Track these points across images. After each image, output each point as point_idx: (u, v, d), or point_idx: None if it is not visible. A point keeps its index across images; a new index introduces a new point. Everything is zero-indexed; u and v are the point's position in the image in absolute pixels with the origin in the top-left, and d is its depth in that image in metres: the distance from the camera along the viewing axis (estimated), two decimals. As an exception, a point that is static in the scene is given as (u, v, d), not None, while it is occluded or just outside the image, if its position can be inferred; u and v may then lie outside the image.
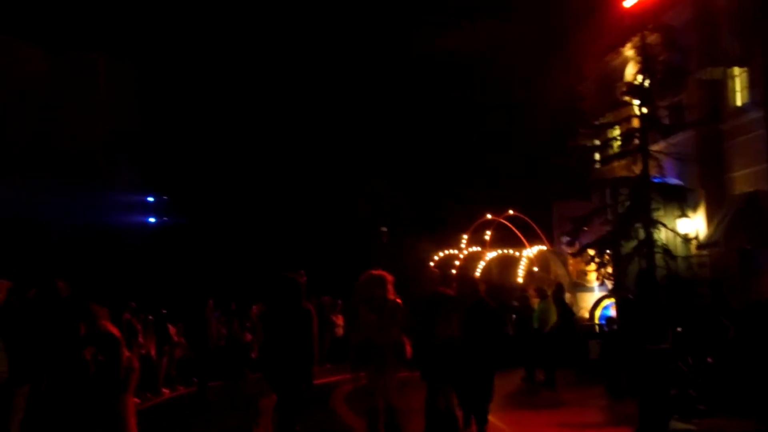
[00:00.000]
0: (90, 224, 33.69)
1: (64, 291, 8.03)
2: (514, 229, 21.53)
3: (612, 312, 17.59)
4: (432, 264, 21.53)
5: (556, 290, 15.90)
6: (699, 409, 10.01)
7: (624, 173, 18.07)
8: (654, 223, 17.20)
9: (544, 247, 20.83)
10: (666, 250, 17.07)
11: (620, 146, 18.88)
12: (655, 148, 17.98)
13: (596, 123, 19.40)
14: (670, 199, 18.02)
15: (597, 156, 20.99)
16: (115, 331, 8.61)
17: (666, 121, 18.76)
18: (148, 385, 14.83)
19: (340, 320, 20.25)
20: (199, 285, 26.92)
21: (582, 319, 18.20)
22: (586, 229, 18.91)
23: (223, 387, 16.17)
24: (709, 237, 18.28)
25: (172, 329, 16.12)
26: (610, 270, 17.82)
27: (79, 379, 7.20)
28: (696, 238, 18.44)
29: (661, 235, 17.48)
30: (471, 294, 9.50)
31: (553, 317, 15.19)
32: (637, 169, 17.56)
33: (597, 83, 24.11)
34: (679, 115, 19.25)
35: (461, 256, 21.69)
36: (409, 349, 8.24)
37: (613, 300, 18.31)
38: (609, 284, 20.19)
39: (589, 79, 24.88)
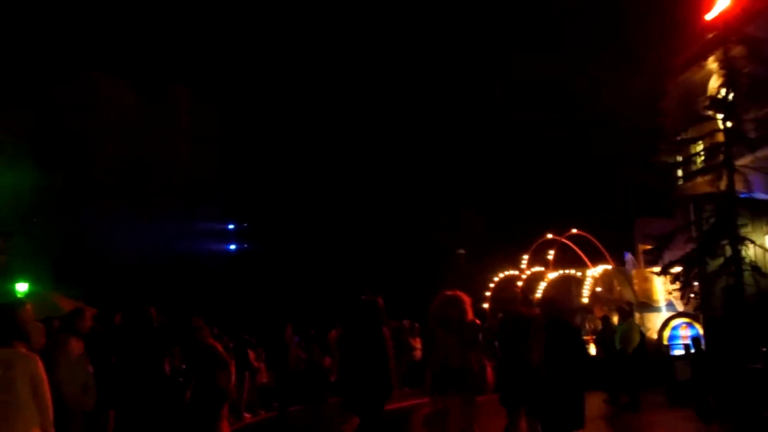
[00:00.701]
0: (174, 252, 34.54)
1: (156, 319, 8.09)
2: (575, 248, 20.97)
3: (682, 332, 17.12)
4: (493, 285, 21.19)
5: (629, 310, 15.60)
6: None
7: (708, 189, 17.46)
8: (741, 240, 16.55)
9: (608, 267, 20.23)
10: (755, 267, 16.37)
11: (704, 161, 18.31)
12: (740, 162, 17.36)
13: (678, 139, 18.86)
14: (758, 215, 17.33)
15: (680, 172, 20.41)
16: (220, 349, 8.89)
17: (752, 135, 18.10)
18: (230, 410, 14.99)
19: (418, 343, 20.14)
20: (279, 310, 27.29)
21: (650, 339, 17.79)
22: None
23: (303, 411, 16.22)
24: (801, 253, 17.52)
25: (252, 354, 16.28)
26: (696, 289, 17.22)
27: (170, 406, 7.45)
28: (787, 254, 17.71)
29: (750, 251, 16.79)
30: (554, 315, 8.88)
31: (637, 338, 14.73)
32: (722, 184, 16.95)
33: (678, 98, 23.52)
34: (766, 128, 18.57)
35: (523, 276, 21.25)
36: (490, 373, 7.94)
37: (683, 320, 17.74)
38: (678, 304, 19.57)
39: (670, 95, 24.30)
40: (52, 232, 33.11)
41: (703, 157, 18.45)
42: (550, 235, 21.16)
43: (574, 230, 20.73)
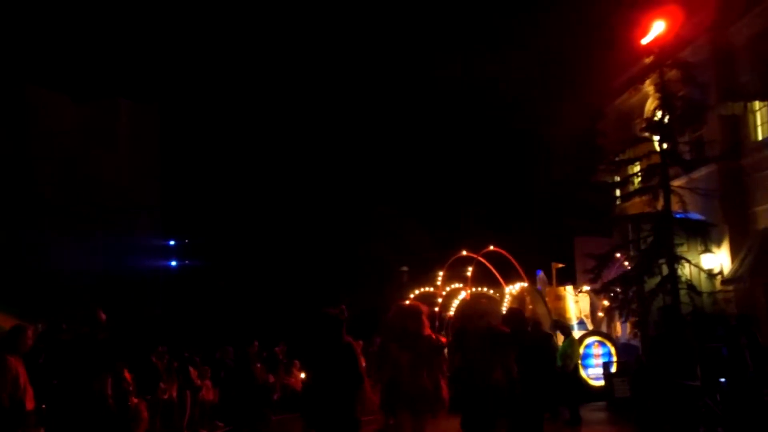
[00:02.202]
0: (114, 268, 33.92)
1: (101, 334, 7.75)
2: (489, 265, 20.92)
3: (595, 350, 17.55)
4: (408, 302, 20.91)
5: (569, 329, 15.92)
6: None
7: (646, 209, 17.97)
8: (678, 259, 17.07)
9: (524, 284, 20.41)
10: (690, 286, 16.91)
11: (641, 182, 18.82)
12: (676, 183, 17.92)
13: (616, 159, 19.36)
14: (694, 235, 17.91)
15: (618, 192, 20.93)
16: (128, 379, 8.66)
17: (687, 157, 18.72)
18: (172, 429, 14.79)
19: (362, 361, 20.10)
20: (221, 327, 26.97)
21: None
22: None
23: (246, 430, 16.07)
24: (734, 272, 18.11)
25: (194, 372, 16.09)
26: (634, 306, 17.65)
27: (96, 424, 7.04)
28: (720, 273, 18.29)
29: (685, 270, 17.33)
30: (524, 331, 8.32)
31: (577, 355, 15.02)
32: (659, 204, 17.47)
33: (616, 120, 24.15)
34: (700, 150, 19.23)
35: (443, 293, 21.00)
36: (446, 392, 7.35)
37: (595, 338, 18.16)
38: (588, 322, 20.02)
39: (608, 116, 24.93)
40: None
41: (640, 178, 18.96)
42: (464, 252, 21.06)
43: (491, 247, 20.65)
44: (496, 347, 7.48)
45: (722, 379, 10.36)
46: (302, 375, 18.09)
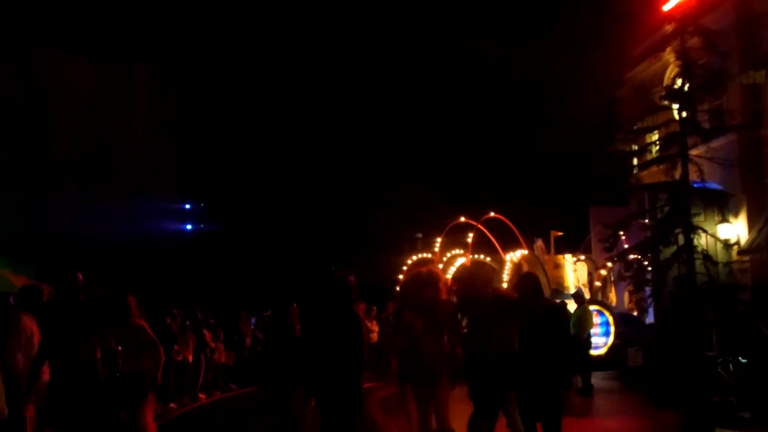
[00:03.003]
0: (129, 231, 34.11)
1: (85, 290, 7.19)
2: (487, 232, 20.59)
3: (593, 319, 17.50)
4: (405, 268, 20.55)
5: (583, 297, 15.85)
6: (743, 418, 9.83)
7: (663, 178, 17.81)
8: (694, 229, 16.94)
9: (525, 252, 20.17)
10: (706, 256, 16.79)
11: (659, 151, 18.65)
12: (694, 152, 17.72)
13: (634, 128, 19.15)
14: (711, 204, 17.77)
15: (635, 161, 20.75)
16: (147, 329, 8.03)
17: (706, 126, 18.49)
18: (185, 391, 14.94)
19: (374, 326, 20.21)
20: (236, 291, 27.12)
21: None
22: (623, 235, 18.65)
23: (258, 393, 16.22)
24: (751, 242, 17.98)
25: (208, 335, 16.21)
26: (649, 276, 17.58)
27: (88, 384, 6.64)
28: (737, 243, 18.16)
29: (702, 240, 17.21)
30: (534, 298, 7.72)
31: (591, 324, 15.01)
32: (677, 174, 17.30)
33: (635, 88, 23.88)
34: (720, 119, 18.97)
35: (443, 260, 20.72)
36: (462, 362, 7.08)
37: (593, 307, 17.95)
38: (586, 291, 19.80)
39: (627, 84, 24.66)
40: (4, 208, 32.47)
41: (658, 147, 18.78)
42: (462, 219, 20.81)
43: (492, 213, 20.30)
44: (502, 315, 7.03)
45: (737, 351, 10.32)
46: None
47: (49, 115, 36.06)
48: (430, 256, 20.97)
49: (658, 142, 18.70)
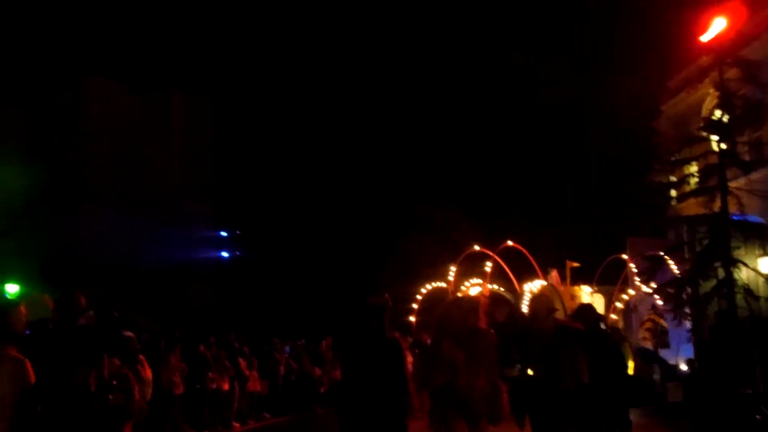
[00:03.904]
0: (165, 258, 34.43)
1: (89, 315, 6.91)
2: (501, 262, 20.24)
3: None
4: (420, 297, 20.26)
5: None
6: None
7: (702, 210, 17.56)
8: (734, 262, 16.64)
9: (544, 282, 19.84)
10: (747, 290, 16.47)
11: (698, 183, 18.41)
12: (734, 184, 17.47)
13: (672, 159, 18.97)
14: (751, 237, 17.44)
15: (673, 192, 20.51)
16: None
17: (746, 157, 18.24)
18: (219, 419, 14.95)
19: (409, 357, 20.06)
20: (270, 319, 27.18)
21: None
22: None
23: (293, 421, 16.21)
24: (793, 276, 17.63)
25: (242, 363, 16.25)
26: (687, 310, 17.29)
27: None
28: (779, 277, 17.81)
29: (742, 274, 16.90)
30: (599, 329, 7.39)
31: (630, 359, 14.77)
32: (716, 206, 17.05)
33: (673, 119, 23.68)
34: (760, 151, 18.70)
35: (463, 289, 20.40)
36: (505, 397, 6.53)
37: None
38: (601, 323, 19.34)
39: (664, 115, 24.48)
40: (42, 233, 32.97)
41: (696, 178, 18.54)
42: (477, 247, 20.53)
43: (509, 243, 20.01)
44: (567, 347, 6.57)
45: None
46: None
47: (87, 141, 36.70)
48: (444, 285, 20.73)
49: (696, 174, 18.47)
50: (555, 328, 6.84)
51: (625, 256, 18.27)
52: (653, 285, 18.49)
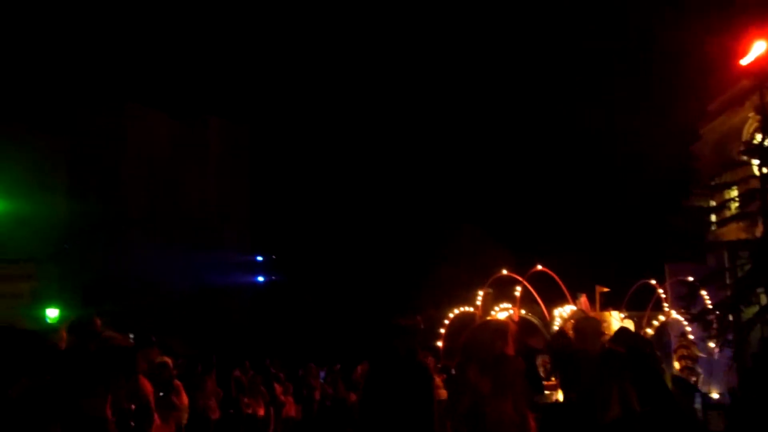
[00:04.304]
0: (202, 283, 34.72)
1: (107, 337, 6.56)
2: (528, 286, 19.77)
3: None
4: (447, 321, 19.92)
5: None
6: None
7: (743, 235, 17.28)
8: (777, 288, 16.35)
9: (574, 308, 19.41)
10: (791, 317, 16.15)
11: (738, 207, 18.14)
12: (776, 209, 17.17)
13: (712, 183, 18.71)
14: (795, 263, 17.12)
15: (713, 217, 20.20)
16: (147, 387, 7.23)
17: (787, 182, 17.93)
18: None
19: (439, 381, 19.88)
20: (305, 343, 27.18)
21: None
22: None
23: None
24: (839, 303, 17.22)
25: (278, 388, 16.23)
26: (730, 336, 16.95)
27: None
28: (824, 304, 17.41)
29: (786, 300, 16.59)
30: (645, 353, 6.84)
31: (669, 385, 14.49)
32: (758, 231, 16.77)
33: (712, 143, 23.42)
34: (802, 174, 18.39)
35: (489, 315, 19.95)
36: (534, 426, 5.94)
37: None
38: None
39: (703, 139, 24.21)
40: (82, 258, 33.43)
41: (737, 203, 18.27)
42: (504, 271, 20.15)
43: (539, 267, 19.57)
44: (615, 373, 6.22)
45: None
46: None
47: (127, 167, 37.29)
48: (472, 310, 20.40)
49: (737, 199, 18.20)
50: (602, 353, 6.55)
51: (653, 282, 17.94)
52: (688, 312, 18.17)
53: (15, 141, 36.02)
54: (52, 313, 22.35)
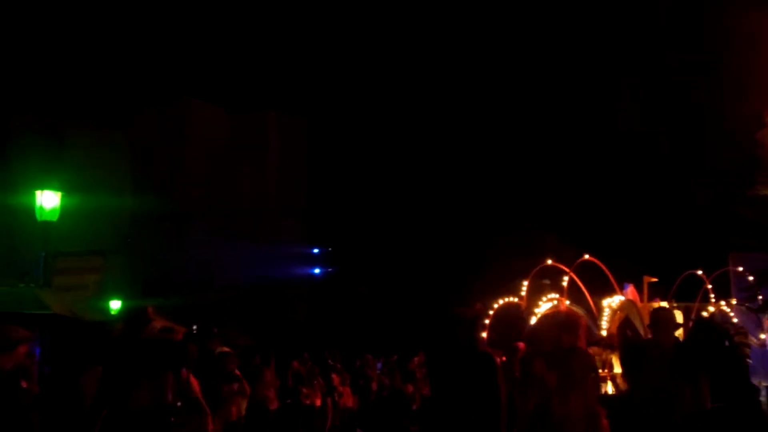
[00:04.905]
0: (260, 277, 35.11)
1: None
2: (575, 277, 18.99)
3: None
4: (492, 312, 19.36)
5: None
6: None
7: (811, 224, 16.79)
8: None
9: (622, 298, 18.75)
10: None
11: (805, 196, 17.64)
12: None
13: (778, 172, 18.22)
14: None
15: (779, 206, 19.67)
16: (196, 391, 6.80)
17: None
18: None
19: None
20: (362, 335, 27.31)
21: None
22: None
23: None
24: None
25: (336, 379, 16.35)
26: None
27: None
28: None
29: None
30: (721, 346, 6.42)
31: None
32: (825, 219, 16.28)
33: (778, 129, 22.75)
34: None
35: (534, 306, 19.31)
36: (606, 423, 5.78)
37: None
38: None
39: (769, 125, 23.54)
40: (144, 251, 34.14)
41: (804, 191, 17.78)
42: (549, 261, 19.46)
43: (586, 256, 18.79)
44: (689, 367, 5.93)
45: None
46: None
47: (187, 162, 37.92)
48: (516, 300, 19.91)
49: (804, 186, 17.69)
50: (677, 345, 6.27)
51: (700, 272, 17.39)
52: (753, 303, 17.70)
53: (79, 137, 36.98)
54: (115, 305, 22.88)
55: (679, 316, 19.74)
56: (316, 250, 39.61)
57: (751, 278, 17.64)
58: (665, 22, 31.16)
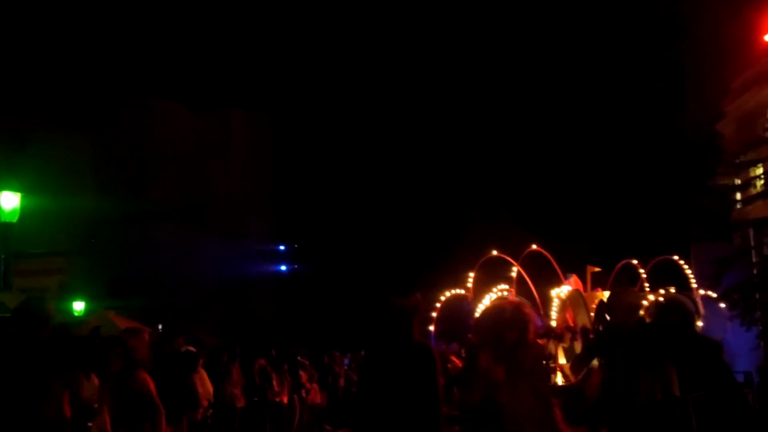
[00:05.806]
0: (227, 274, 34.94)
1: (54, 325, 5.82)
2: (519, 268, 18.88)
3: None
4: (439, 305, 19.10)
5: None
6: None
7: (769, 213, 17.09)
8: (805, 266, 16.14)
9: (570, 288, 18.70)
10: (819, 295, 15.96)
11: (764, 185, 17.93)
12: (802, 186, 16.97)
13: (737, 161, 18.49)
14: (822, 240, 16.91)
15: (738, 195, 19.97)
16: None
17: (815, 158, 17.71)
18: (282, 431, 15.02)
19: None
20: (329, 330, 27.28)
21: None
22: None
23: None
24: None
25: (303, 375, 16.30)
26: (757, 315, 16.80)
27: None
28: None
29: (813, 278, 16.38)
30: (692, 331, 6.12)
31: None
32: (784, 208, 16.59)
33: (736, 120, 23.09)
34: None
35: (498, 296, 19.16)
36: (559, 413, 5.43)
37: None
38: None
39: (728, 117, 23.87)
40: (109, 252, 33.76)
41: (762, 181, 18.07)
42: (494, 252, 19.30)
43: (534, 247, 18.64)
44: (651, 352, 5.68)
45: None
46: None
47: (151, 160, 37.59)
48: (463, 292, 19.69)
49: (762, 176, 17.99)
50: (637, 328, 5.97)
51: (635, 262, 17.48)
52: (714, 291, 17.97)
53: (43, 138, 36.43)
54: (78, 306, 22.61)
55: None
56: (282, 247, 39.54)
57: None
58: (624, 17, 31.56)
